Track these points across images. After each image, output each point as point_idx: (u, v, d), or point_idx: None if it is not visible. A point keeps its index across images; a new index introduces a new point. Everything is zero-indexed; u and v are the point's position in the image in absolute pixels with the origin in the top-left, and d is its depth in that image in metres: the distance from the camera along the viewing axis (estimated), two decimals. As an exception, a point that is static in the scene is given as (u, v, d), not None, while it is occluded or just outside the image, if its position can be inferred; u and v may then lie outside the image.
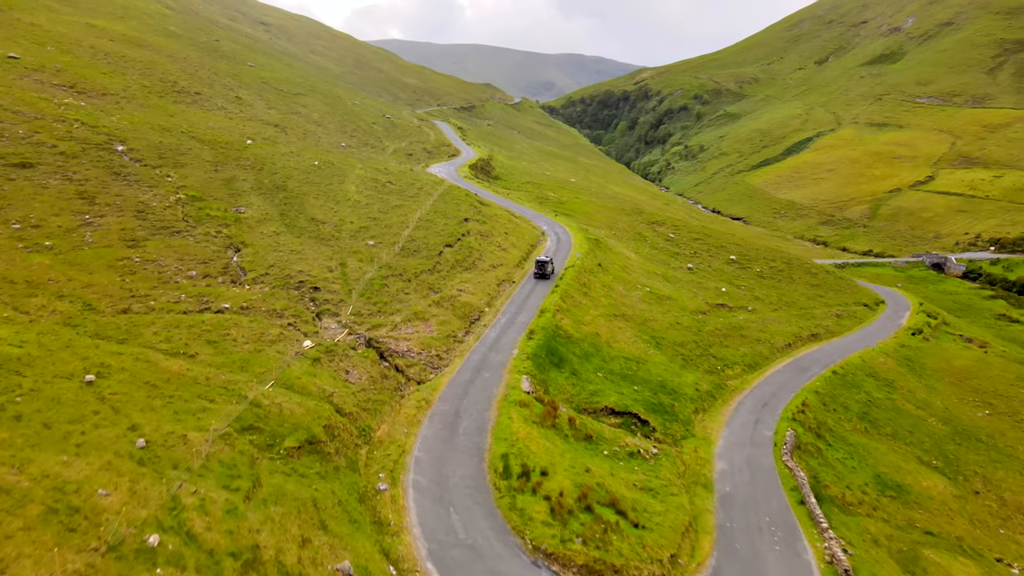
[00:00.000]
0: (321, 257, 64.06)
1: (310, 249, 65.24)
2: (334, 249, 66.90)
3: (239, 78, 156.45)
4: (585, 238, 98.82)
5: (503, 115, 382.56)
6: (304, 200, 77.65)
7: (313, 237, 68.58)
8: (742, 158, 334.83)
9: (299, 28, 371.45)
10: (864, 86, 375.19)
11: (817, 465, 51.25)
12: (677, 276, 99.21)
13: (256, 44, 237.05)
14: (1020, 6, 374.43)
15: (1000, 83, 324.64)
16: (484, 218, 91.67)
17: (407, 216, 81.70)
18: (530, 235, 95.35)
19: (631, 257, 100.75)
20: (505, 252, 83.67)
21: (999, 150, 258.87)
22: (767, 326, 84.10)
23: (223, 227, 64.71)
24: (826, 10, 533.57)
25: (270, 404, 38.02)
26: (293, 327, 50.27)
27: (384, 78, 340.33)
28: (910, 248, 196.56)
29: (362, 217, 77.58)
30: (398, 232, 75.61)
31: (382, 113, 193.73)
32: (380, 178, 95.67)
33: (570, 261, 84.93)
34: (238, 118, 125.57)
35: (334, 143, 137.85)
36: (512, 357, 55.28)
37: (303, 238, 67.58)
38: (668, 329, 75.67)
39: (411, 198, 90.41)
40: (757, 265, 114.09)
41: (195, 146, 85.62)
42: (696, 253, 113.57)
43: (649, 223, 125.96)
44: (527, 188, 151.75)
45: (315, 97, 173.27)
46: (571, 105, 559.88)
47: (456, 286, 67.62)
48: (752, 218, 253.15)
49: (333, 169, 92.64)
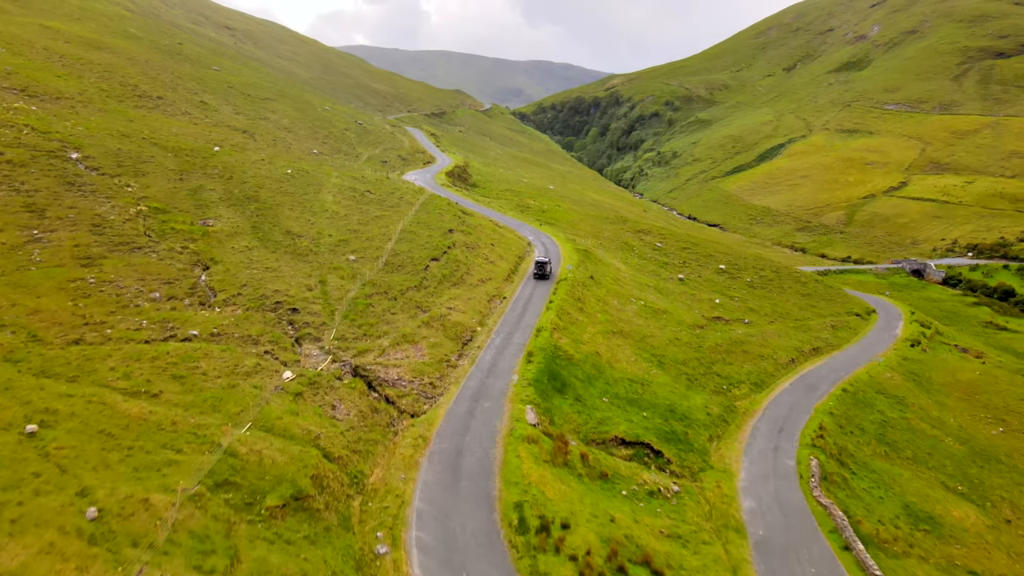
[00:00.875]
0: (299, 274, 58.58)
1: (286, 265, 59.72)
2: (313, 265, 61.43)
3: (204, 82, 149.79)
4: (574, 249, 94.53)
5: (474, 121, 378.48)
6: (278, 211, 72.01)
7: (289, 252, 63.03)
8: (715, 164, 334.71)
9: (265, 33, 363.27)
10: (833, 93, 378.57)
11: (845, 497, 47.27)
12: (669, 288, 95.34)
13: (221, 48, 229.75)
14: (982, 15, 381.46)
15: (966, 90, 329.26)
16: (469, 229, 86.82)
17: (389, 228, 76.48)
18: (516, 246, 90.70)
19: (621, 268, 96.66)
20: (493, 265, 78.89)
21: (968, 156, 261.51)
22: (767, 340, 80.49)
23: (189, 242, 58.94)
24: (792, 18, 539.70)
25: (248, 452, 32.70)
26: (271, 355, 44.86)
27: (353, 84, 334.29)
28: (888, 254, 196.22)
29: (341, 229, 72.13)
30: (380, 245, 70.37)
31: (354, 119, 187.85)
32: (358, 187, 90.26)
33: (561, 274, 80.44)
34: (204, 124, 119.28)
35: (306, 150, 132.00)
36: (512, 383, 50.47)
37: (278, 253, 62.02)
38: (668, 346, 71.55)
39: (392, 208, 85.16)
40: (747, 275, 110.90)
41: (158, 153, 79.50)
42: (685, 263, 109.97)
43: (635, 232, 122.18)
44: (507, 196, 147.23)
45: (284, 102, 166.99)
46: (542, 111, 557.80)
47: (445, 304, 62.64)
48: (728, 224, 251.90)
49: (308, 177, 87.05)
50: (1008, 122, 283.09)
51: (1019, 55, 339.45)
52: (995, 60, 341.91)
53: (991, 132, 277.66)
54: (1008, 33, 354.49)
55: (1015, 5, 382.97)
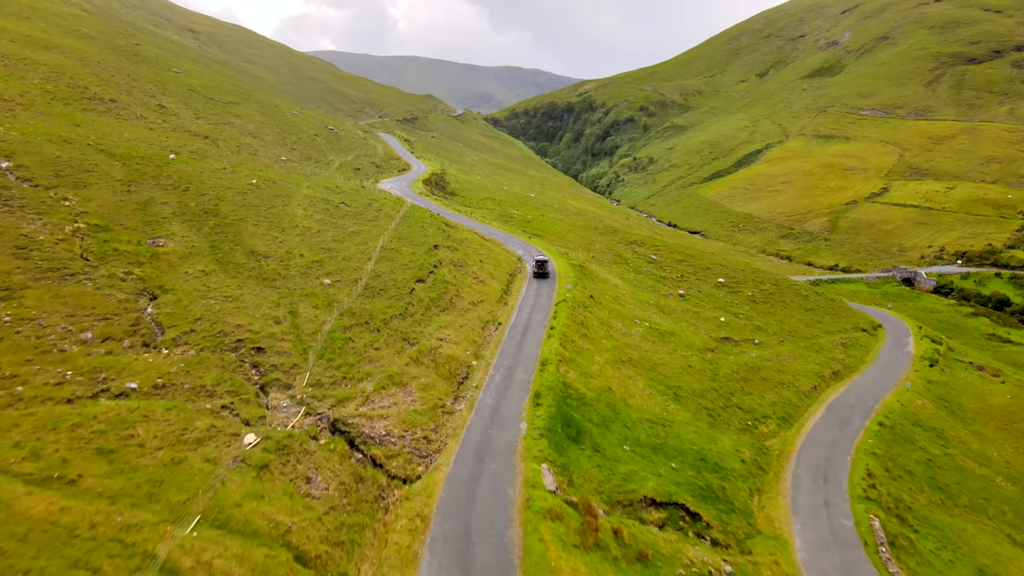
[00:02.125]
0: (265, 304, 49.95)
1: (250, 293, 51.06)
2: (281, 292, 52.82)
3: (162, 85, 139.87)
4: (568, 264, 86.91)
5: (447, 127, 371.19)
6: (241, 228, 63.15)
7: (254, 277, 54.33)
8: (693, 170, 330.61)
9: (230, 36, 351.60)
10: (807, 98, 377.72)
11: (916, 565, 40.18)
12: (671, 305, 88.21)
13: (183, 51, 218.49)
14: (953, 21, 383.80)
15: (939, 95, 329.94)
16: (455, 244, 78.71)
17: (367, 245, 67.99)
18: (507, 262, 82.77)
19: (619, 285, 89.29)
20: (484, 285, 70.86)
21: (946, 162, 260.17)
22: (784, 364, 73.59)
23: (135, 266, 50.04)
24: (764, 24, 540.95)
25: (194, 567, 24.31)
26: (229, 411, 36.38)
27: (323, 88, 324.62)
28: (875, 262, 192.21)
29: (314, 248, 63.45)
30: (359, 266, 61.90)
31: (324, 124, 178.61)
32: (331, 198, 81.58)
33: (559, 294, 72.68)
34: (160, 128, 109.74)
35: (273, 157, 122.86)
36: (521, 435, 42.52)
37: (241, 278, 53.30)
38: (682, 375, 64.20)
39: (369, 222, 76.63)
40: (747, 288, 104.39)
41: (103, 161, 70.23)
42: (683, 277, 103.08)
43: (627, 243, 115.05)
44: (488, 205, 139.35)
45: (250, 106, 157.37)
46: (515, 117, 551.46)
47: (435, 334, 54.47)
48: (710, 231, 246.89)
49: (275, 188, 78.17)
50: (984, 127, 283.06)
51: (990, 61, 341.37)
52: (967, 66, 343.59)
53: (968, 138, 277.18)
54: (979, 39, 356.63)
55: (984, 11, 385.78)
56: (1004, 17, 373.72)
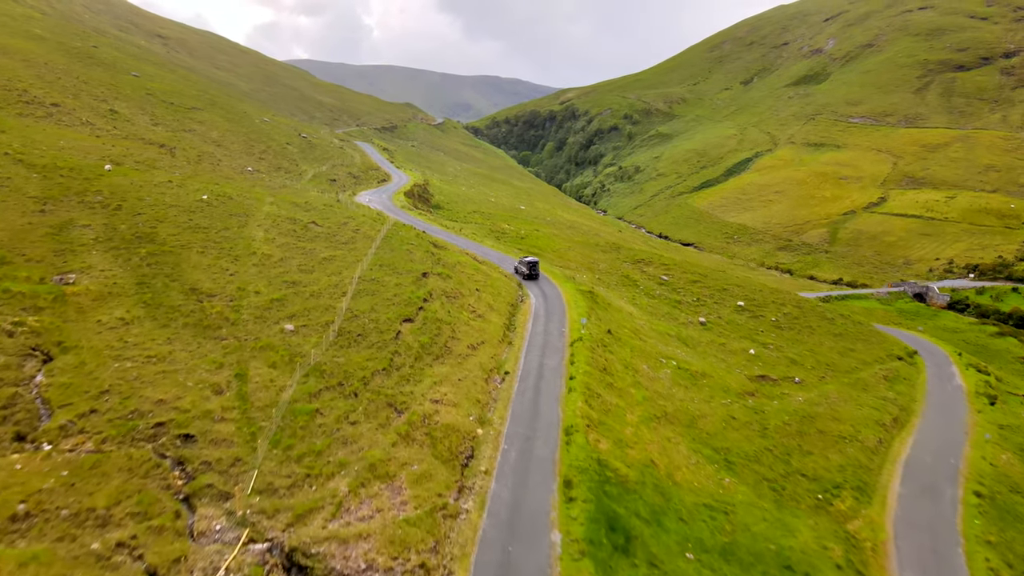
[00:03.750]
0: (203, 365, 37.44)
1: (184, 350, 38.54)
2: (227, 346, 40.30)
3: (117, 88, 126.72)
4: (576, 290, 75.10)
5: (427, 136, 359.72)
6: (182, 257, 50.53)
7: (191, 325, 41.76)
8: (681, 179, 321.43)
9: (201, 43, 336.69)
10: (794, 106, 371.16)
11: None
12: (694, 336, 76.80)
13: (147, 55, 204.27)
14: (939, 28, 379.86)
15: (929, 103, 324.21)
16: (446, 269, 66.58)
17: (342, 275, 55.62)
18: (506, 290, 70.76)
19: (634, 313, 77.69)
20: (483, 321, 58.83)
21: (943, 170, 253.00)
22: (836, 410, 62.34)
23: (29, 313, 37.44)
24: (746, 32, 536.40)
25: None
26: (128, 552, 24.03)
27: (298, 96, 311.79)
28: (881, 275, 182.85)
29: (274, 282, 50.94)
30: (331, 304, 49.50)
31: (297, 132, 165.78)
32: (300, 216, 69.02)
33: (574, 332, 60.74)
34: (108, 136, 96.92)
35: (238, 167, 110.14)
36: (555, 554, 30.55)
37: (173, 327, 40.74)
38: (726, 430, 52.63)
39: (345, 244, 64.18)
40: (769, 312, 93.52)
41: (19, 174, 57.51)
42: (700, 300, 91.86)
43: (633, 262, 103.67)
44: (476, 219, 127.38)
45: (215, 112, 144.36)
46: (496, 125, 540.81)
47: (429, 393, 42.32)
48: (704, 243, 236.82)
49: (231, 205, 65.48)
50: (978, 135, 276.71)
51: (979, 68, 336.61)
52: (956, 73, 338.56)
53: (962, 145, 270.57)
54: (967, 46, 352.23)
55: (970, 18, 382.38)
56: (990, 24, 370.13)
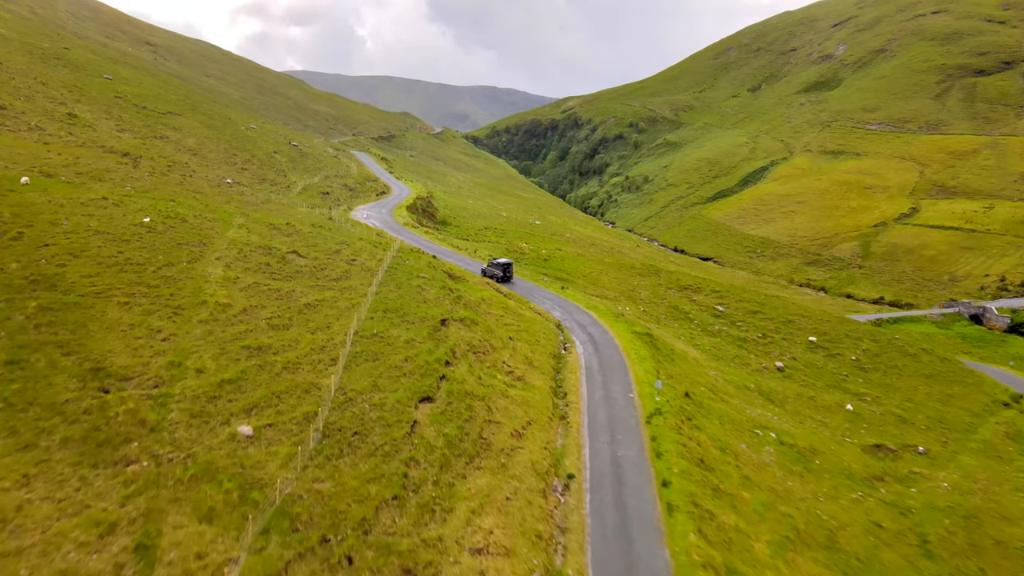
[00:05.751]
0: (76, 531, 21.51)
1: (50, 496, 22.38)
2: (132, 481, 24.13)
3: (82, 91, 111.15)
4: (630, 333, 59.12)
5: (426, 145, 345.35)
6: (92, 313, 34.35)
7: (78, 440, 25.39)
8: (693, 189, 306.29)
9: (191, 50, 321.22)
10: (807, 113, 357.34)
11: None
12: (776, 389, 61.01)
13: (128, 59, 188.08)
14: (955, 32, 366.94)
15: (951, 109, 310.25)
16: (468, 310, 50.72)
17: (332, 329, 39.58)
18: (545, 335, 54.76)
19: (699, 359, 61.86)
20: (526, 387, 42.92)
21: (975, 179, 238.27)
22: (997, 501, 46.53)
23: None
24: (751, 39, 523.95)
25: None
26: None
27: (291, 105, 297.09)
28: (925, 293, 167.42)
29: (229, 349, 34.69)
30: (314, 380, 33.46)
31: (287, 140, 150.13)
32: (277, 243, 52.95)
33: (644, 398, 44.70)
34: (60, 143, 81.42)
35: (214, 179, 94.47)
36: None
37: (44, 445, 24.32)
38: (876, 550, 36.81)
39: (336, 282, 48.16)
40: (846, 349, 77.91)
41: None
42: (766, 337, 76.11)
43: (678, 288, 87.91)
44: (489, 237, 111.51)
45: (194, 118, 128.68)
46: (496, 135, 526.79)
47: (467, 538, 26.41)
48: (724, 258, 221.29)
49: (183, 230, 49.39)
50: (1008, 142, 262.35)
51: (1001, 72, 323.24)
52: (976, 78, 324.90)
53: (992, 153, 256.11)
54: (986, 50, 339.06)
55: (987, 22, 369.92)
56: (1008, 28, 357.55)
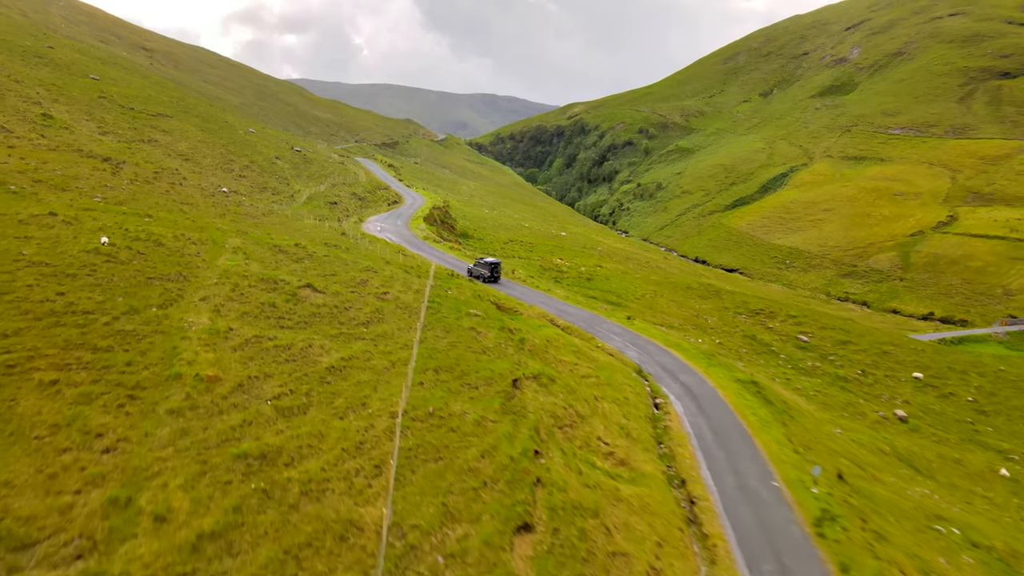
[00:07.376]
0: None
1: None
2: None
3: (61, 90, 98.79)
4: (736, 383, 46.45)
5: (430, 152, 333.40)
6: None
7: None
8: (709, 197, 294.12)
9: (189, 56, 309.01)
10: (824, 118, 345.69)
11: None
12: (914, 451, 48.33)
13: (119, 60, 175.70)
14: (976, 34, 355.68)
15: (976, 112, 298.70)
16: (538, 360, 38.10)
17: (369, 413, 26.73)
18: (632, 390, 42.06)
19: (814, 414, 49.24)
20: (638, 487, 30.16)
21: (1012, 185, 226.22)
22: None
23: None
24: (761, 43, 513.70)
25: None
26: None
27: (292, 111, 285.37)
28: (978, 308, 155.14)
29: (210, 478, 21.33)
30: (350, 525, 20.86)
31: (290, 145, 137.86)
32: (284, 274, 40.23)
33: (801, 497, 31.86)
34: (26, 146, 68.75)
35: (208, 187, 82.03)
36: None
37: None
38: None
39: (367, 328, 35.42)
40: (959, 389, 65.36)
41: None
42: (869, 376, 63.46)
43: (749, 313, 75.28)
44: (517, 251, 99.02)
45: (188, 120, 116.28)
46: (500, 142, 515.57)
47: None
48: (750, 269, 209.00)
49: (157, 257, 36.59)
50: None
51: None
52: (1001, 80, 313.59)
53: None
54: (1010, 52, 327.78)
55: (1008, 24, 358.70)
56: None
